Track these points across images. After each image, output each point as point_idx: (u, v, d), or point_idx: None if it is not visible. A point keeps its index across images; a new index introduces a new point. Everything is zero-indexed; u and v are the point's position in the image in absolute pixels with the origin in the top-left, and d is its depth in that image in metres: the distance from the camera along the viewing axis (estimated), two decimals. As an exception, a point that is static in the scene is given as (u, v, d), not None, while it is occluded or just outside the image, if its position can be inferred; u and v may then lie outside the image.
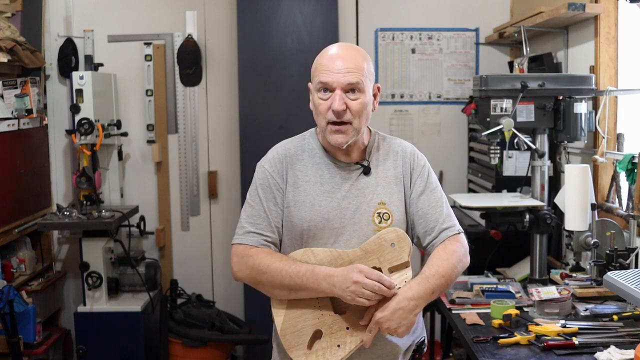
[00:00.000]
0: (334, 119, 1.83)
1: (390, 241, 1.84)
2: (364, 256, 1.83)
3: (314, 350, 1.74)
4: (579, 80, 2.90)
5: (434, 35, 4.21)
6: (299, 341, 1.74)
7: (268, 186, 1.93)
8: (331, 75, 1.81)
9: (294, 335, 1.75)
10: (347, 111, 1.83)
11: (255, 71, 4.02)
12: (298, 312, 1.77)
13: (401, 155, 1.98)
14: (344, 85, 1.82)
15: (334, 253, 1.83)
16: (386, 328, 1.76)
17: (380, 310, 1.76)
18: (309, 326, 1.75)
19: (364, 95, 1.84)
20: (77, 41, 4.08)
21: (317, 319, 1.77)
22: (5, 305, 3.15)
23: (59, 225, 3.70)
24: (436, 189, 1.98)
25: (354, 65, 1.83)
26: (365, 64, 1.85)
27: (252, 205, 1.94)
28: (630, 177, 2.60)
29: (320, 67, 1.85)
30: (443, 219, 1.94)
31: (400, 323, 1.76)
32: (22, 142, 3.71)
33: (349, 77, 1.81)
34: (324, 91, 1.84)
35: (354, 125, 1.85)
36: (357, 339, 1.76)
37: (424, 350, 2.05)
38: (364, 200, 1.90)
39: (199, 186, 4.27)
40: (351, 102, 1.83)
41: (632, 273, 2.04)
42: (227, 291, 4.30)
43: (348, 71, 1.81)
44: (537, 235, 2.90)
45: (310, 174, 1.93)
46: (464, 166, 4.23)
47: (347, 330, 1.77)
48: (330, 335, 1.76)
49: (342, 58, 1.83)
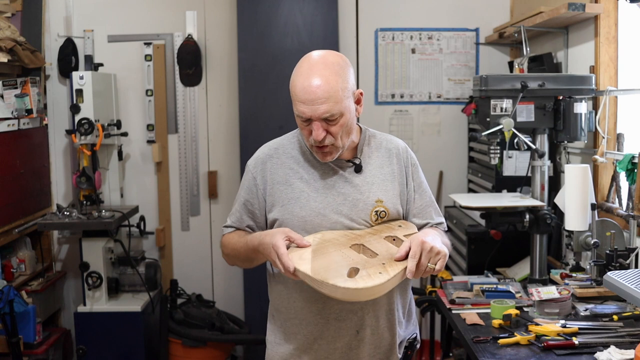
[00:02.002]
0: (317, 145, 1.85)
1: (397, 224, 1.92)
2: (376, 231, 1.88)
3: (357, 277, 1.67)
4: (579, 80, 2.90)
5: (434, 35, 4.21)
6: (336, 274, 1.67)
7: (248, 187, 1.99)
8: (307, 107, 1.81)
9: (329, 270, 1.68)
10: (328, 136, 1.84)
11: (255, 71, 4.02)
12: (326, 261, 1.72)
13: (395, 153, 2.00)
14: (320, 117, 1.81)
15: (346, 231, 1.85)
16: (430, 248, 1.72)
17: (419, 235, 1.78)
18: (344, 266, 1.71)
19: (343, 117, 1.84)
20: (77, 41, 4.08)
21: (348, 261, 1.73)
22: (5, 305, 3.15)
23: (59, 225, 3.70)
24: (426, 188, 2.06)
25: (328, 93, 1.79)
26: (339, 84, 1.81)
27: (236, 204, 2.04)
28: (630, 177, 2.60)
29: (295, 96, 1.85)
30: (433, 217, 2.03)
31: (442, 247, 1.77)
32: (22, 142, 3.71)
33: (324, 108, 1.79)
34: (302, 120, 1.85)
35: (337, 143, 1.86)
36: (398, 268, 1.72)
37: (416, 347, 2.06)
38: (361, 197, 1.92)
39: (199, 186, 4.27)
40: (331, 128, 1.83)
41: (632, 273, 2.03)
42: (227, 291, 4.30)
43: (322, 102, 1.79)
44: (537, 235, 2.90)
45: (302, 171, 1.95)
46: (464, 166, 4.23)
47: (383, 265, 1.73)
48: (367, 269, 1.71)
49: (315, 86, 1.79)
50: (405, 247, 1.76)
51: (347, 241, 1.82)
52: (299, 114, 1.84)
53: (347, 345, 1.91)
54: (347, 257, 1.75)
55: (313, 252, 1.76)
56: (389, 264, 1.74)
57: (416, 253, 1.72)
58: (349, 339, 1.90)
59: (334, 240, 1.82)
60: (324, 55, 1.88)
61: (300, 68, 1.87)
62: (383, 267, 1.72)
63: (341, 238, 1.82)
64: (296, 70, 1.89)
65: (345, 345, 1.91)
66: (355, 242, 1.82)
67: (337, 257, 1.75)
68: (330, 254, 1.76)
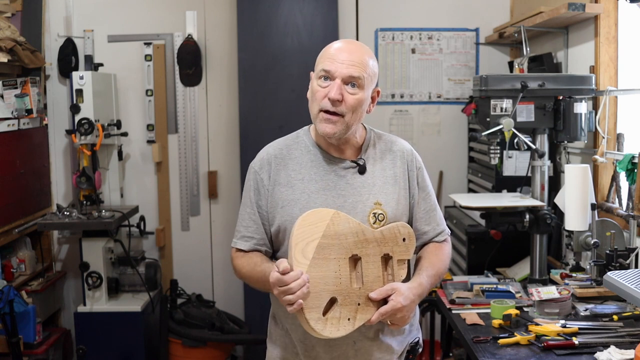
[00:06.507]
0: (328, 108, 1.83)
1: (402, 236, 1.89)
2: (382, 240, 1.86)
3: (328, 318, 1.75)
4: (579, 80, 2.90)
5: (434, 35, 4.21)
6: (316, 304, 1.73)
7: (257, 188, 1.95)
8: (335, 64, 1.82)
9: (314, 297, 1.74)
10: (343, 103, 1.82)
11: (255, 71, 4.02)
12: (320, 274, 1.75)
13: (400, 155, 1.97)
14: (345, 76, 1.81)
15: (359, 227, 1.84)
16: (400, 317, 1.79)
17: (397, 295, 1.78)
18: (327, 291, 1.75)
19: (362, 92, 1.84)
20: (77, 41, 4.08)
21: (335, 286, 1.77)
22: (5, 305, 3.15)
23: (59, 225, 3.70)
24: (431, 191, 2.03)
25: (359, 60, 1.83)
26: (370, 62, 1.86)
27: (244, 207, 1.98)
28: (630, 177, 2.60)
29: (325, 56, 1.86)
30: (437, 222, 2.01)
31: (409, 314, 1.82)
32: (22, 142, 3.71)
33: (352, 70, 1.81)
34: (324, 79, 1.84)
35: (345, 118, 1.84)
36: (365, 317, 1.79)
37: (418, 351, 2.05)
38: (360, 199, 1.89)
39: (199, 186, 4.27)
40: (348, 95, 1.82)
41: (632, 273, 2.03)
42: (227, 291, 4.30)
43: (352, 64, 1.81)
44: (537, 235, 2.90)
45: (304, 172, 1.92)
46: (464, 166, 4.23)
47: (358, 305, 1.78)
48: (343, 306, 1.77)
49: (349, 51, 1.84)
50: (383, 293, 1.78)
51: (352, 245, 1.81)
52: (324, 70, 1.83)
53: (343, 355, 1.90)
54: (338, 275, 1.77)
55: (318, 247, 1.75)
56: (362, 307, 1.78)
57: (387, 314, 1.77)
58: (345, 348, 1.89)
59: (342, 237, 1.80)
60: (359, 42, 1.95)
61: (336, 42, 1.91)
62: (355, 311, 1.77)
63: (349, 237, 1.81)
64: (330, 44, 1.91)
65: (342, 354, 1.90)
66: (357, 251, 1.81)
67: (332, 269, 1.76)
68: (328, 262, 1.76)
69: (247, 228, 1.95)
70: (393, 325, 1.83)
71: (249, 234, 1.94)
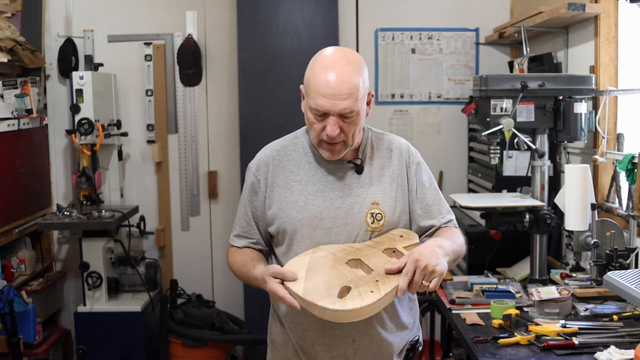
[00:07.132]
0: (328, 141, 1.82)
1: (399, 234, 1.89)
2: (377, 242, 1.85)
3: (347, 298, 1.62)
4: (579, 80, 2.90)
5: (434, 35, 4.21)
6: (326, 294, 1.62)
7: (253, 189, 1.97)
8: (327, 101, 1.75)
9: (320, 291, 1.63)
10: (341, 133, 1.80)
11: (255, 71, 4.02)
12: (319, 280, 1.70)
13: (396, 153, 1.96)
14: (339, 112, 1.77)
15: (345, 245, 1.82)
16: (425, 266, 1.63)
17: (415, 251, 1.68)
18: (336, 285, 1.66)
19: (358, 116, 1.81)
20: (77, 41, 4.08)
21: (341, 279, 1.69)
22: (5, 305, 3.15)
23: (59, 225, 3.70)
24: (433, 185, 2.00)
25: (350, 87, 1.75)
26: (360, 80, 1.78)
27: (241, 207, 2.01)
28: (630, 177, 2.60)
29: (315, 89, 1.77)
30: (443, 214, 1.97)
31: (438, 261, 1.65)
32: (22, 142, 3.71)
33: (345, 104, 1.75)
34: (317, 114, 1.80)
35: (347, 142, 1.84)
36: (391, 285, 1.66)
37: (418, 350, 2.04)
38: (357, 199, 1.89)
39: (199, 186, 4.27)
40: (345, 125, 1.80)
41: (632, 273, 2.03)
42: (227, 291, 4.30)
43: (344, 97, 1.75)
44: (537, 235, 2.90)
45: (302, 174, 1.92)
46: (464, 166, 4.23)
47: (376, 282, 1.68)
48: (359, 287, 1.66)
49: (339, 81, 1.75)
50: (399, 262, 1.70)
51: (344, 256, 1.79)
52: (317, 108, 1.77)
53: (343, 354, 1.89)
54: (341, 275, 1.71)
55: (308, 269, 1.73)
56: (382, 281, 1.68)
57: (409, 271, 1.64)
58: (344, 347, 1.89)
59: (330, 255, 1.78)
60: (344, 52, 1.84)
61: (321, 62, 1.81)
62: (376, 284, 1.66)
63: (338, 253, 1.79)
64: (315, 64, 1.82)
65: (341, 354, 1.89)
66: (353, 257, 1.79)
67: (331, 275, 1.72)
68: (324, 272, 1.72)
69: (242, 227, 2.00)
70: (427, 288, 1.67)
71: (243, 234, 2.00)
